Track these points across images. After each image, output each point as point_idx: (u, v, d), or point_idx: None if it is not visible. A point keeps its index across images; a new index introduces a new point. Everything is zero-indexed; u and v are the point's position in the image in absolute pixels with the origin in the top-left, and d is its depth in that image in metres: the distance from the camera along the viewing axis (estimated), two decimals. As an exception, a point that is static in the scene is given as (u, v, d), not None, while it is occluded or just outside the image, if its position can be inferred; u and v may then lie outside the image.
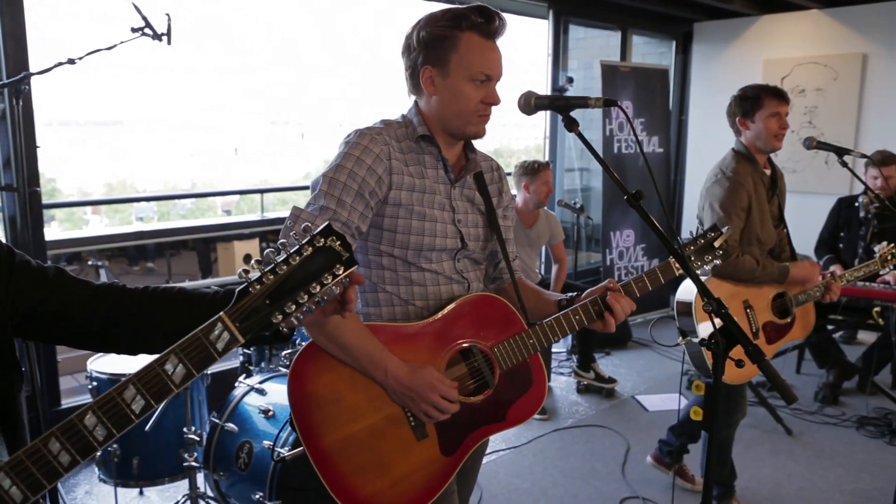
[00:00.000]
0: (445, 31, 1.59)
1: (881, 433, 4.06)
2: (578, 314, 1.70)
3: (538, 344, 1.69)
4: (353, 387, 1.59)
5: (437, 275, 1.70)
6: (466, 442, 1.69)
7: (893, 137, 5.69)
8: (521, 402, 1.73)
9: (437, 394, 1.57)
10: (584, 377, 4.64)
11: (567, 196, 6.03)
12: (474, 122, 1.65)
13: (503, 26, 1.63)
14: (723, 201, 2.81)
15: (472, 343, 1.68)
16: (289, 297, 1.04)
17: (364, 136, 1.62)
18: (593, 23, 6.39)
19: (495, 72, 1.63)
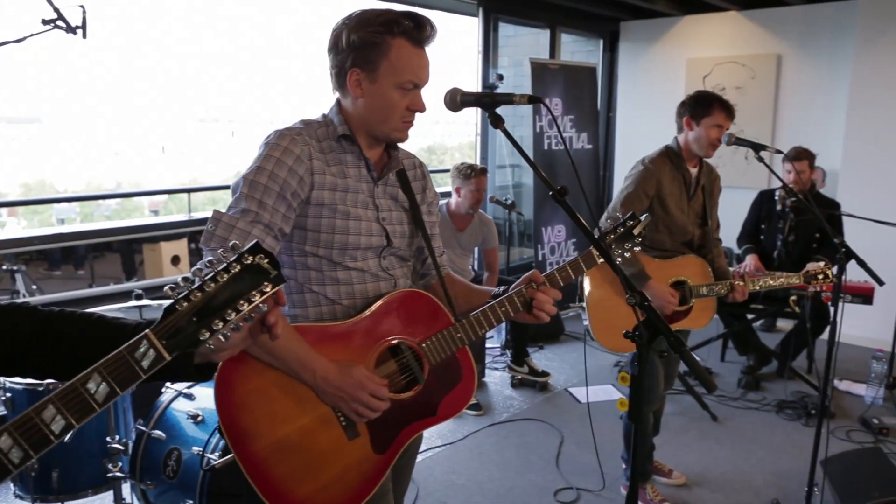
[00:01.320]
0: (376, 36, 1.57)
1: (798, 416, 4.25)
2: (504, 306, 1.71)
3: (466, 337, 1.70)
4: (282, 389, 1.56)
5: (363, 273, 1.69)
6: (398, 439, 1.69)
7: (806, 133, 5.96)
8: (452, 396, 1.74)
9: (367, 392, 1.57)
10: (517, 372, 4.70)
11: (499, 192, 6.09)
12: (399, 127, 1.65)
13: (434, 34, 1.62)
14: (630, 181, 2.99)
15: (400, 339, 1.68)
16: (216, 314, 1.03)
17: (284, 136, 1.60)
18: (523, 21, 6.46)
19: (423, 80, 1.63)
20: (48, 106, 14.27)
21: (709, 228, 3.16)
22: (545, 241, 5.77)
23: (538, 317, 1.71)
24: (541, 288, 1.71)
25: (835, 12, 5.93)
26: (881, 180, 5.50)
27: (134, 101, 14.55)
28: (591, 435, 3.77)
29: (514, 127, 7.48)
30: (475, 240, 4.50)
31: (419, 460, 3.67)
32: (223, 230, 1.52)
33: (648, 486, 3.27)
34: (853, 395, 4.58)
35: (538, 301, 1.70)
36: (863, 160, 5.59)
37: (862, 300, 4.31)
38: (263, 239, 1.54)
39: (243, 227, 1.53)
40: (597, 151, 6.26)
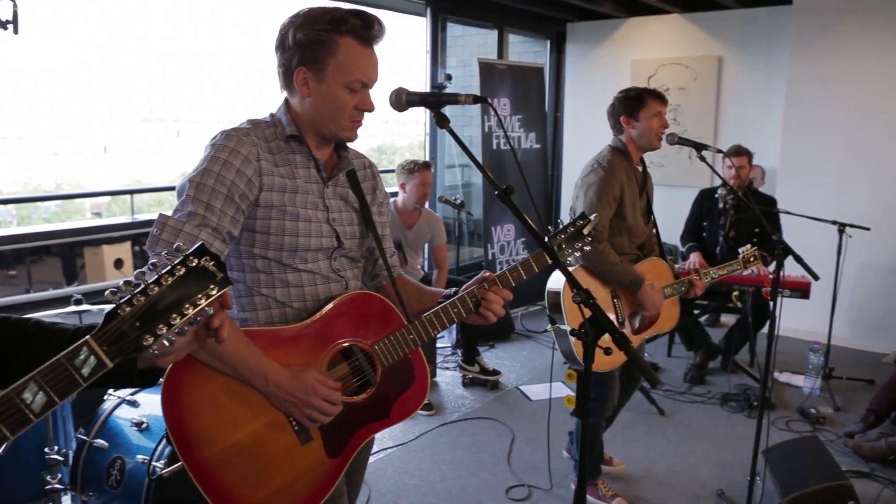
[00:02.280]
0: (323, 34, 1.55)
1: (741, 408, 4.37)
2: (456, 307, 1.71)
3: (418, 339, 1.70)
4: (232, 395, 1.53)
5: (313, 275, 1.67)
6: (352, 442, 1.67)
7: (746, 132, 6.14)
8: (405, 398, 1.73)
9: (320, 397, 1.55)
10: (469, 371, 4.71)
11: (448, 192, 6.10)
12: (347, 127, 1.63)
13: (382, 32, 1.61)
14: (596, 189, 2.93)
15: (352, 342, 1.66)
16: (160, 318, 1.00)
17: (230, 137, 1.57)
18: (471, 21, 6.49)
19: (372, 79, 1.61)
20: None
21: (654, 227, 3.21)
22: (495, 241, 5.80)
23: (485, 316, 1.71)
24: (493, 288, 1.71)
25: (770, 16, 6.13)
26: (817, 178, 5.70)
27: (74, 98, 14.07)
28: (541, 432, 3.82)
29: (462, 127, 7.54)
30: (424, 237, 4.52)
31: (371, 461, 3.65)
32: (169, 234, 1.49)
33: (599, 482, 3.31)
34: (792, 387, 4.73)
35: (487, 301, 1.70)
36: (799, 159, 5.79)
37: (800, 294, 4.45)
38: (211, 243, 1.51)
39: (190, 231, 1.49)
40: (545, 151, 6.33)
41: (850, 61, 5.50)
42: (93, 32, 16.13)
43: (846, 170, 5.60)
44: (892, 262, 5.40)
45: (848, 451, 3.77)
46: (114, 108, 15.77)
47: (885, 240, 5.34)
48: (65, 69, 16.28)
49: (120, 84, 15.33)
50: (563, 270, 1.44)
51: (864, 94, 5.48)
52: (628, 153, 3.05)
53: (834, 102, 5.59)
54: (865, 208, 5.36)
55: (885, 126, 5.42)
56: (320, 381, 1.56)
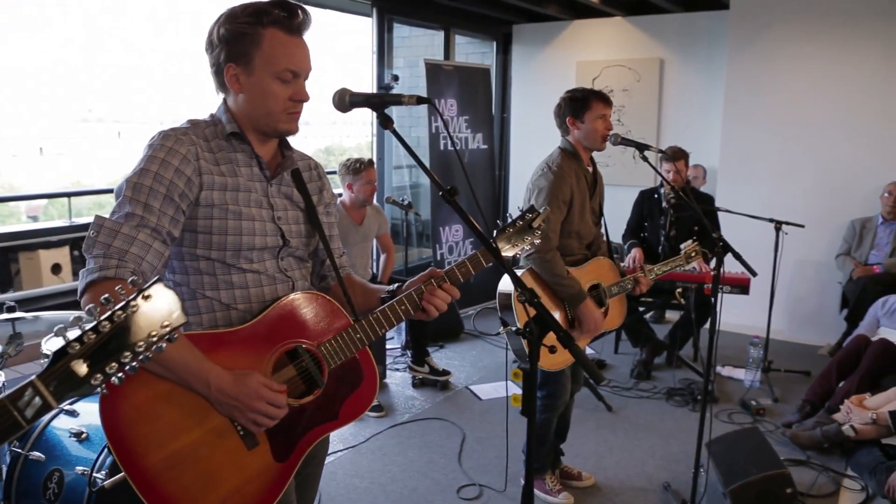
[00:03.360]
0: (246, 27, 1.54)
1: (686, 402, 4.48)
2: (403, 304, 1.70)
3: (365, 338, 1.68)
4: (173, 401, 1.50)
5: (259, 275, 1.64)
6: (300, 445, 1.65)
7: (687, 133, 6.31)
8: (353, 399, 1.71)
9: (265, 401, 1.52)
10: (418, 372, 4.71)
11: (395, 193, 6.09)
12: (284, 119, 1.61)
13: (307, 20, 1.59)
14: (546, 193, 2.96)
15: (297, 343, 1.64)
16: (111, 357, 0.96)
17: (168, 137, 1.55)
18: (417, 22, 6.49)
19: (302, 68, 1.59)
20: None
21: (603, 227, 3.26)
22: (443, 241, 5.81)
23: (428, 311, 1.70)
24: (441, 285, 1.70)
25: (709, 21, 6.29)
26: (754, 178, 5.88)
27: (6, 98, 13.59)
28: (492, 431, 3.84)
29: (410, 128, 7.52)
30: (374, 228, 4.56)
31: (321, 466, 3.63)
32: (106, 236, 1.45)
33: (547, 477, 3.35)
34: (734, 380, 4.87)
35: (429, 296, 1.69)
36: (737, 158, 5.96)
37: (739, 290, 4.57)
38: (150, 244, 1.48)
39: (128, 233, 1.46)
40: (492, 151, 6.37)
41: (784, 65, 5.69)
42: (25, 28, 15.56)
43: (782, 169, 5.80)
44: (826, 258, 5.61)
45: (786, 441, 3.89)
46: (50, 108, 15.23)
47: (818, 236, 5.55)
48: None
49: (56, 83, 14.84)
50: (507, 269, 1.45)
51: (798, 97, 5.68)
52: (578, 154, 3.08)
53: (769, 104, 5.78)
54: (800, 206, 5.56)
55: (818, 127, 5.63)
56: (264, 384, 1.53)
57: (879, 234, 5.26)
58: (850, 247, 5.38)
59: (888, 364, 4.01)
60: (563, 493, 3.32)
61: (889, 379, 3.95)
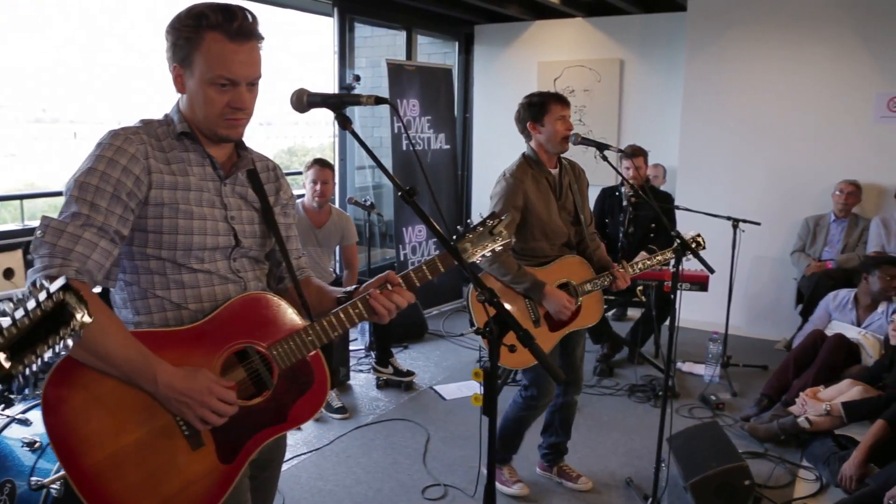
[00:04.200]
0: (188, 30, 1.53)
1: (647, 398, 4.54)
2: (357, 307, 1.68)
3: (317, 340, 1.66)
4: (117, 399, 1.48)
5: (210, 275, 1.63)
6: (246, 447, 1.63)
7: (647, 133, 6.40)
8: (303, 402, 1.69)
9: (215, 397, 1.50)
10: (383, 373, 4.70)
11: (358, 194, 6.06)
12: (223, 125, 1.59)
13: (250, 26, 1.55)
14: (498, 200, 3.01)
15: (247, 344, 1.62)
16: (28, 349, 0.98)
17: (117, 136, 1.53)
18: (378, 22, 6.47)
19: (240, 75, 1.55)
20: None
21: (583, 225, 3.26)
22: (406, 242, 5.81)
23: (380, 315, 1.67)
24: (395, 289, 1.69)
25: (668, 22, 6.39)
26: (713, 176, 5.99)
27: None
28: (456, 431, 3.84)
29: (373, 128, 7.47)
30: (335, 237, 4.48)
31: (284, 468, 3.58)
32: (52, 236, 1.43)
33: (505, 469, 3.41)
34: (694, 375, 4.95)
35: (383, 300, 1.66)
36: (696, 158, 6.06)
37: (699, 288, 4.65)
38: (97, 242, 1.46)
39: (73, 232, 1.44)
40: (455, 151, 6.37)
41: (740, 66, 5.81)
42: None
43: (739, 168, 5.91)
44: (782, 254, 5.74)
45: (744, 434, 3.97)
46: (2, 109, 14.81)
47: (774, 234, 5.67)
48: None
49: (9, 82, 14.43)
50: (467, 270, 1.46)
51: (753, 97, 5.80)
52: (539, 160, 3.10)
53: (726, 104, 5.89)
54: (757, 204, 5.67)
55: (773, 127, 5.76)
56: (214, 381, 1.52)
57: (832, 231, 5.40)
58: (805, 244, 5.51)
59: (843, 358, 4.13)
60: (518, 484, 3.37)
61: (844, 372, 4.06)
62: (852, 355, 4.16)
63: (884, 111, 5.38)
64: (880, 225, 5.18)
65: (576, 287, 3.10)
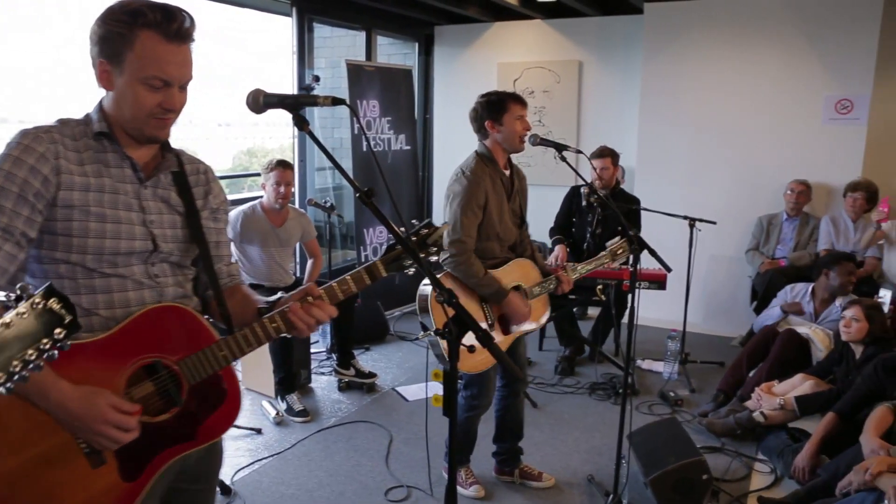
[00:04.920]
0: (121, 26, 1.47)
1: (608, 395, 4.60)
2: (276, 321, 1.62)
3: (231, 355, 1.60)
4: (13, 414, 1.40)
5: (124, 279, 1.56)
6: (152, 464, 1.56)
7: (606, 134, 6.47)
8: (214, 418, 1.63)
9: (111, 424, 1.42)
10: (344, 375, 4.67)
11: (318, 195, 6.01)
12: (151, 125, 1.54)
13: (189, 27, 1.51)
14: (460, 200, 2.99)
15: (155, 358, 1.55)
16: None
17: (26, 135, 1.47)
18: (338, 22, 6.43)
19: (175, 77, 1.51)
20: None
21: (525, 228, 3.30)
22: (367, 243, 5.78)
23: (299, 329, 1.62)
24: (317, 302, 1.63)
25: (625, 24, 6.48)
26: (670, 177, 6.09)
27: None
28: (419, 432, 3.84)
29: (333, 129, 7.42)
30: (294, 234, 4.48)
31: (245, 474, 3.55)
32: None
33: (462, 470, 3.42)
34: (654, 373, 5.03)
35: (303, 314, 1.61)
36: (654, 158, 6.16)
37: (657, 286, 4.72)
38: (1, 246, 1.41)
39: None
40: (415, 152, 6.37)
41: (695, 68, 5.92)
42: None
43: (695, 168, 6.03)
44: (737, 252, 5.86)
45: (702, 429, 4.05)
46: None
47: (730, 232, 5.79)
48: None
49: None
50: (424, 269, 1.45)
51: (708, 99, 5.91)
52: (494, 158, 3.10)
53: (682, 105, 6.00)
54: (713, 204, 5.79)
55: (727, 128, 5.88)
56: (114, 406, 1.43)
57: (784, 229, 5.54)
58: (759, 242, 5.64)
59: (794, 353, 4.23)
60: (474, 486, 3.39)
61: (795, 366, 4.16)
62: (803, 350, 4.27)
63: (832, 113, 5.53)
64: (829, 223, 5.33)
65: (526, 290, 3.15)
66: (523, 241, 3.30)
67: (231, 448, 3.81)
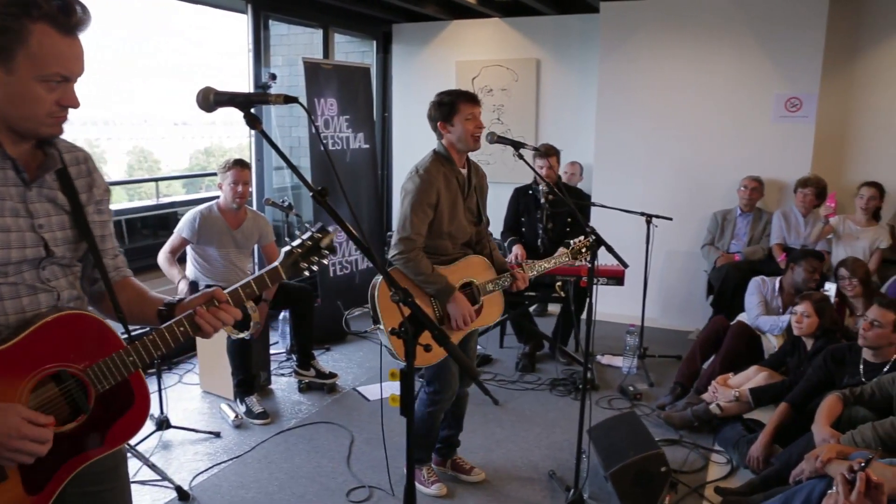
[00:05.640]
0: (11, 20, 1.35)
1: (568, 391, 4.64)
2: (182, 325, 1.59)
3: (139, 361, 1.56)
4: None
5: (15, 286, 1.48)
6: (58, 475, 1.51)
7: (564, 131, 6.54)
8: (122, 424, 1.60)
9: (27, 439, 1.37)
10: (304, 376, 4.63)
11: (276, 195, 5.94)
12: (48, 123, 1.46)
13: (86, 19, 1.43)
14: (411, 198, 3.00)
15: (60, 367, 1.49)
16: None
17: None
18: (294, 20, 6.36)
19: (74, 72, 1.43)
20: None
21: (483, 226, 3.31)
22: (328, 242, 5.74)
23: (205, 331, 1.59)
24: (222, 305, 1.61)
25: (581, 23, 6.54)
26: (627, 173, 6.17)
27: None
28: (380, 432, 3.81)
29: (290, 128, 7.34)
30: (252, 238, 4.41)
31: (204, 478, 3.49)
32: None
33: (424, 469, 3.41)
34: (613, 367, 5.09)
35: (209, 316, 1.59)
36: (611, 155, 6.23)
37: (615, 282, 4.78)
38: None
39: None
40: (374, 151, 6.34)
41: (650, 66, 6.00)
42: None
43: (651, 165, 6.11)
44: (693, 248, 5.96)
45: (661, 422, 4.11)
46: None
47: (685, 228, 5.89)
48: None
49: None
50: (380, 269, 1.45)
51: (663, 97, 6.00)
52: (451, 157, 3.12)
53: (638, 103, 6.08)
54: (669, 200, 5.88)
55: (682, 126, 5.98)
56: (28, 419, 1.38)
57: (738, 224, 5.65)
58: (714, 237, 5.74)
59: (745, 344, 4.33)
60: (436, 485, 3.38)
61: (747, 357, 4.25)
62: (754, 342, 4.37)
63: (782, 111, 5.67)
64: (781, 218, 5.46)
65: (478, 287, 3.16)
66: (482, 239, 3.30)
67: (189, 452, 3.75)
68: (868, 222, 5.24)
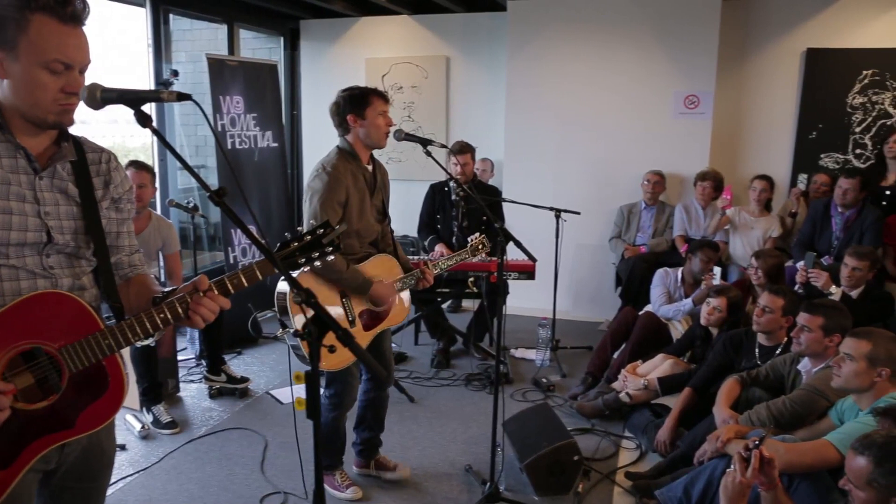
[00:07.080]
0: (11, 11, 1.43)
1: (483, 386, 4.69)
2: (163, 312, 1.59)
3: (115, 344, 1.56)
4: None
5: (16, 269, 1.53)
6: (26, 453, 1.53)
7: (474, 129, 6.60)
8: (95, 408, 1.60)
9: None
10: (215, 381, 4.49)
11: (182, 196, 5.74)
12: (55, 110, 1.51)
13: (84, 9, 1.49)
14: (320, 196, 2.93)
15: (35, 344, 1.51)
16: None
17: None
18: (196, 14, 6.16)
19: (75, 59, 1.49)
20: None
21: (388, 223, 3.29)
22: (235, 244, 5.58)
23: (193, 321, 1.61)
24: (208, 294, 1.61)
25: (489, 21, 6.62)
26: (536, 169, 6.29)
27: None
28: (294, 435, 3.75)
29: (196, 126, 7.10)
30: (154, 244, 4.22)
31: (109, 493, 3.31)
32: None
33: (337, 473, 3.38)
34: (527, 360, 5.18)
35: (195, 306, 1.60)
36: (520, 152, 6.34)
37: (526, 276, 4.85)
38: None
39: None
40: (283, 149, 6.21)
41: (557, 64, 6.14)
42: None
43: (559, 161, 6.26)
44: (601, 241, 6.14)
45: (573, 412, 4.21)
46: None
47: (593, 222, 6.06)
48: None
49: None
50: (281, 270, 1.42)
51: (569, 94, 6.15)
52: (356, 154, 3.07)
53: (546, 100, 6.21)
54: (577, 195, 6.03)
55: (588, 122, 6.14)
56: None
57: (643, 218, 5.86)
58: (621, 230, 5.93)
59: (653, 333, 4.49)
60: (351, 488, 3.35)
61: (656, 346, 4.41)
62: (663, 330, 4.54)
63: (681, 108, 5.91)
64: (682, 210, 5.69)
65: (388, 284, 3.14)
66: (385, 237, 3.29)
67: (91, 467, 3.57)
68: (761, 213, 5.53)
